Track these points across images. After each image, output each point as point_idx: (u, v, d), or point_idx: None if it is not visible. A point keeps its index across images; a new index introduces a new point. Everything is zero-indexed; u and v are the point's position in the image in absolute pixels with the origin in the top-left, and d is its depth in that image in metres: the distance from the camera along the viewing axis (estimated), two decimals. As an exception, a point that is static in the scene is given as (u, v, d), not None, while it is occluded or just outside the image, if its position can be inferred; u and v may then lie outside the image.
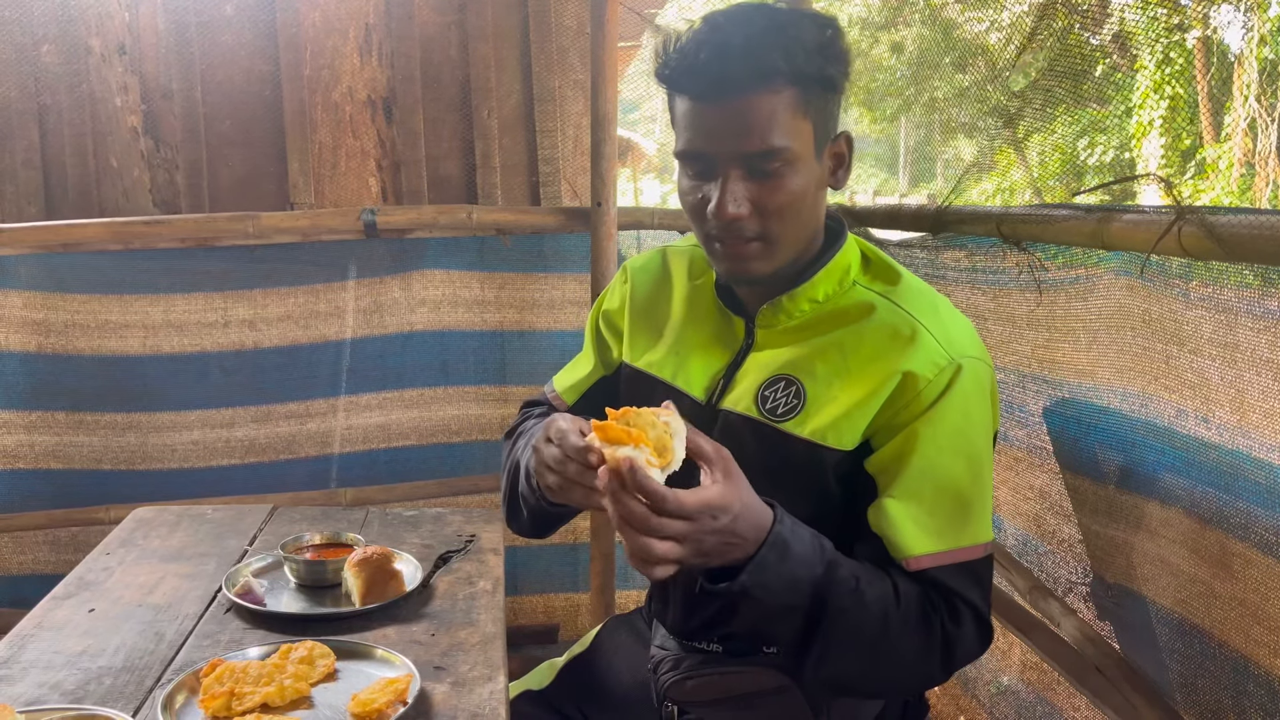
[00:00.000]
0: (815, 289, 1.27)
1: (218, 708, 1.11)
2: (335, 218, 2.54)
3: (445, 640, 1.32)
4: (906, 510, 1.18)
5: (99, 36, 2.61)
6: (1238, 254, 1.10)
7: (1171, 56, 10.45)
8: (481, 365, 2.69)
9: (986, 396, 1.22)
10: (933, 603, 1.16)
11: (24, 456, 2.53)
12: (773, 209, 1.19)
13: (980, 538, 1.19)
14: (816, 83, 1.17)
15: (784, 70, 1.14)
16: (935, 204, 1.87)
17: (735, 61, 1.14)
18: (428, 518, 1.77)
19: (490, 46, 2.74)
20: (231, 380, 2.59)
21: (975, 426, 1.20)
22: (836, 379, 1.22)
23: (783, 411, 1.24)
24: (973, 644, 1.19)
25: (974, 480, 1.20)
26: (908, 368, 1.18)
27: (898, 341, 1.20)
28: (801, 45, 1.15)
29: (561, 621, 2.85)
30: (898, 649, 1.15)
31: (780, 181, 1.18)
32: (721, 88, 1.15)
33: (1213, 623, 1.29)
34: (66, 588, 1.46)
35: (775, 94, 1.15)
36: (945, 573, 1.17)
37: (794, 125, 1.17)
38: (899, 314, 1.22)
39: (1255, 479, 1.18)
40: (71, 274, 2.49)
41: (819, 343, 1.25)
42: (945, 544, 1.17)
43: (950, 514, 1.18)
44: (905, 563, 1.17)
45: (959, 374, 1.17)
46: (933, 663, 1.17)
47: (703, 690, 1.34)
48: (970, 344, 1.22)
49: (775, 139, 1.16)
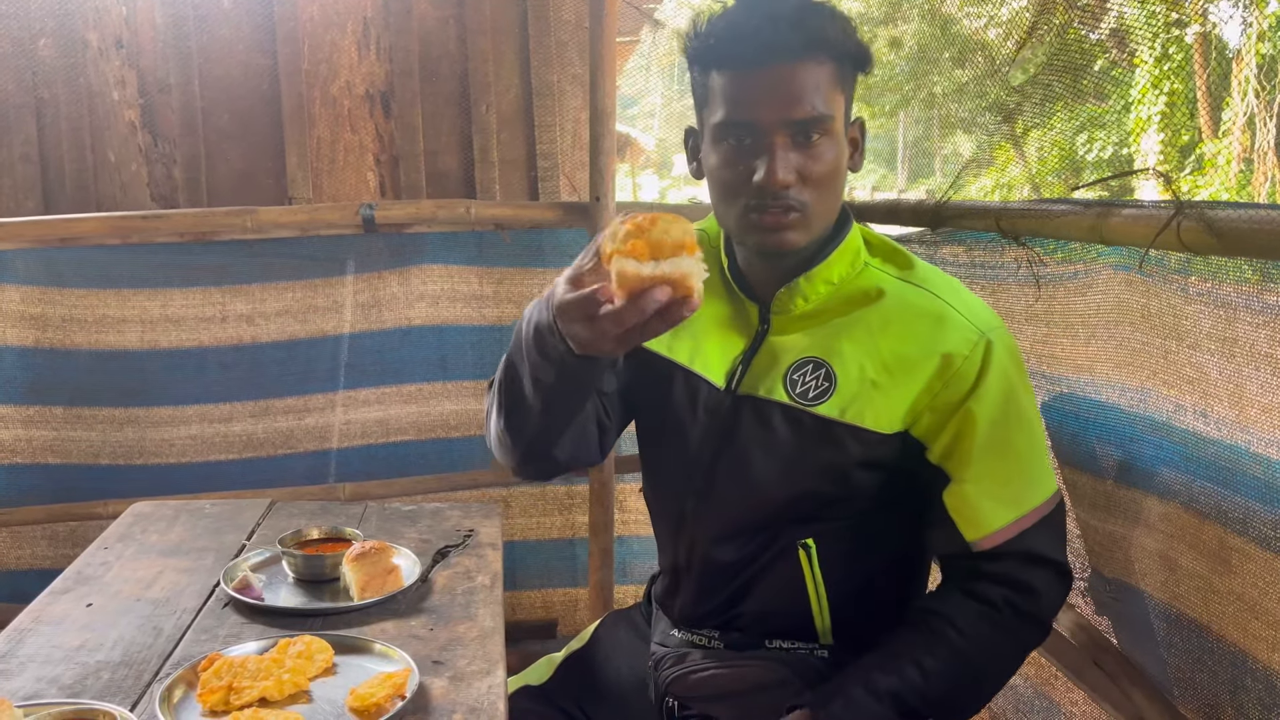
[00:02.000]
0: (830, 270, 1.28)
1: (215, 702, 1.11)
2: (333, 212, 2.54)
3: (444, 635, 1.32)
4: (982, 489, 1.22)
5: (96, 30, 2.60)
6: (1237, 249, 1.10)
7: (1170, 52, 10.44)
8: (480, 360, 2.69)
9: (1017, 359, 1.27)
10: (996, 585, 1.21)
11: (21, 451, 2.53)
12: (815, 178, 1.21)
13: (1049, 489, 1.25)
14: (851, 59, 1.21)
15: (829, 40, 1.18)
16: (934, 199, 1.87)
17: (784, 29, 1.17)
18: (426, 513, 1.77)
19: (489, 41, 2.74)
20: (229, 375, 2.59)
21: (1019, 391, 1.25)
22: (868, 360, 1.24)
23: (814, 395, 1.26)
24: (1055, 595, 1.26)
25: (1030, 441, 1.25)
26: (945, 349, 1.22)
27: (927, 321, 1.24)
28: (838, 21, 1.20)
29: (560, 617, 2.85)
30: (989, 668, 1.23)
31: (821, 151, 1.20)
32: (771, 54, 1.17)
33: (1211, 617, 1.29)
34: (64, 582, 1.46)
35: (820, 64, 1.18)
36: (1025, 537, 1.22)
37: (833, 97, 1.20)
38: (924, 295, 1.26)
39: (1253, 474, 1.18)
40: (69, 268, 2.48)
41: (841, 323, 1.27)
42: (1021, 509, 1.22)
43: (1020, 480, 1.23)
44: (976, 544, 1.22)
45: (991, 347, 1.22)
46: (1022, 637, 1.25)
47: (704, 685, 1.34)
48: (991, 316, 1.27)
49: (821, 106, 1.19)
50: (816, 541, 1.29)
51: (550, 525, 2.79)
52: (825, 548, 1.29)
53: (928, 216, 1.84)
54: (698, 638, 1.38)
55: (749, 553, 1.32)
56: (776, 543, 1.30)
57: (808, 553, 1.29)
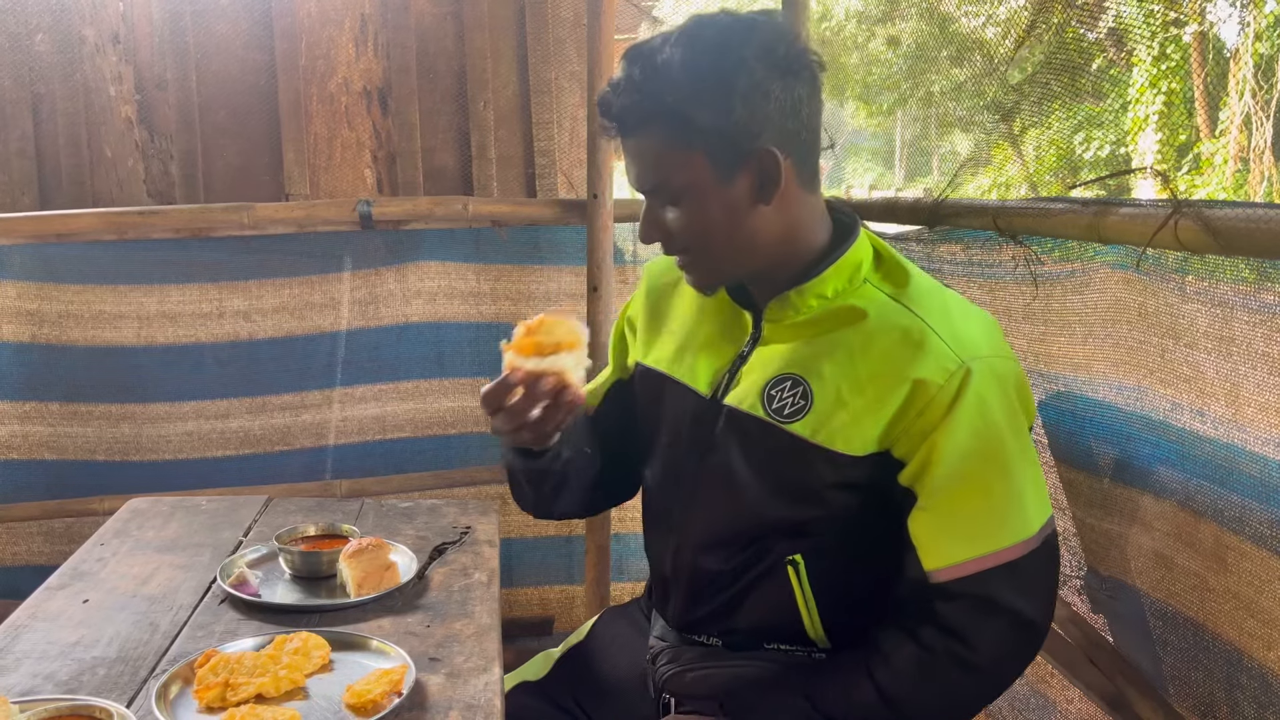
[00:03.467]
0: (825, 285, 1.26)
1: (212, 698, 1.11)
2: (330, 209, 2.53)
3: (440, 631, 1.32)
4: (939, 520, 1.18)
5: (93, 26, 2.60)
6: (1234, 247, 1.10)
7: (1168, 52, 10.45)
8: (477, 357, 2.69)
9: (1008, 392, 1.20)
10: (939, 631, 1.18)
11: (17, 447, 2.52)
12: (685, 235, 1.24)
13: (1020, 535, 1.18)
14: (697, 118, 1.17)
15: (654, 111, 1.19)
16: (931, 197, 1.87)
17: (616, 105, 1.20)
18: (423, 509, 1.77)
19: (486, 38, 2.73)
20: (226, 371, 2.58)
21: (997, 426, 1.18)
22: (844, 381, 1.22)
23: (789, 412, 1.24)
24: (1007, 648, 1.20)
25: (1005, 479, 1.18)
26: (918, 375, 1.17)
27: (907, 347, 1.19)
28: (670, 86, 1.17)
29: (556, 614, 2.85)
30: (913, 714, 1.21)
31: (681, 210, 1.23)
32: (615, 128, 1.23)
33: (1206, 615, 1.29)
34: (61, 578, 1.45)
35: (649, 134, 1.20)
36: (984, 579, 1.17)
37: (677, 159, 1.20)
38: (908, 317, 1.21)
39: (1249, 472, 1.18)
40: (65, 264, 2.48)
41: (825, 342, 1.25)
42: (982, 549, 1.17)
43: (984, 518, 1.18)
44: (933, 574, 1.18)
45: (969, 376, 1.16)
46: (959, 689, 1.21)
47: (701, 683, 1.34)
48: (983, 343, 1.21)
49: (657, 176, 1.22)
50: (805, 557, 1.27)
51: (547, 523, 2.79)
52: (814, 564, 1.27)
53: (925, 214, 1.84)
54: (696, 637, 1.39)
55: (737, 565, 1.31)
56: (765, 558, 1.29)
57: (796, 569, 1.28)
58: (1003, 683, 1.25)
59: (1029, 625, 1.20)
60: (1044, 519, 1.21)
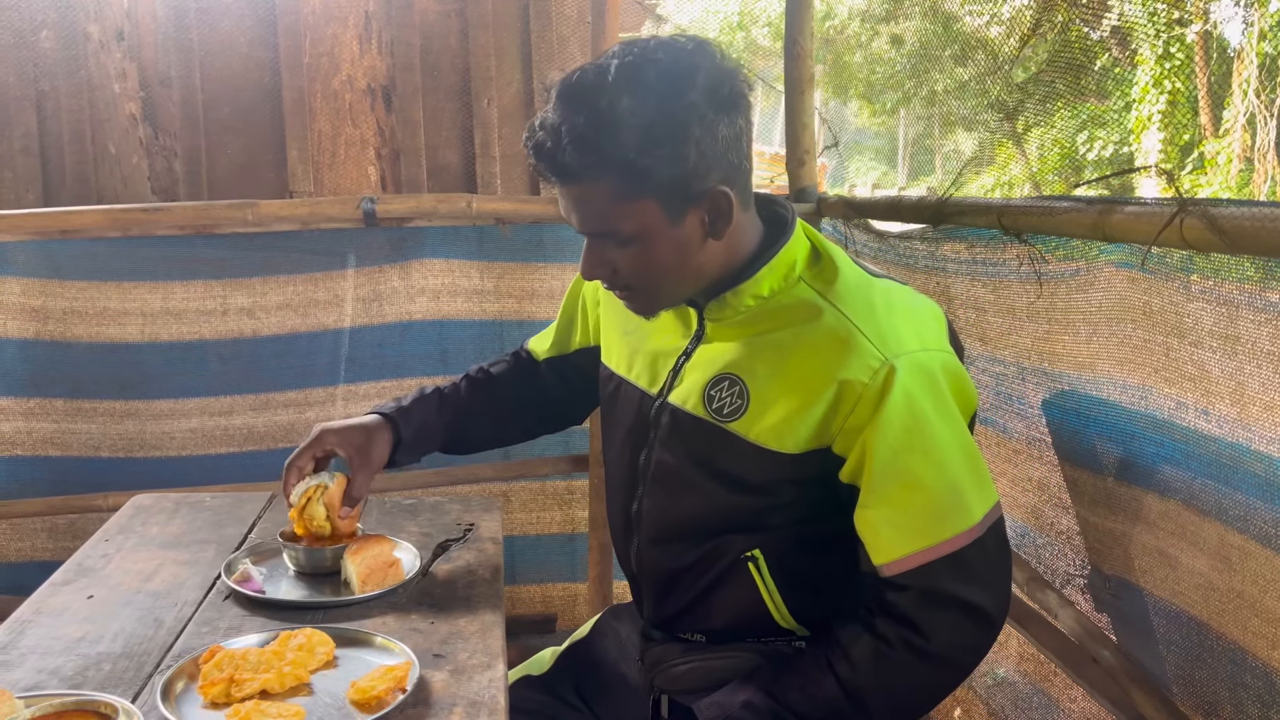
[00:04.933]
0: (759, 285, 1.26)
1: (217, 694, 1.11)
2: (334, 206, 2.53)
3: (444, 628, 1.32)
4: (881, 516, 1.19)
5: (97, 23, 2.60)
6: (1239, 246, 1.10)
7: (1172, 51, 10.43)
8: (480, 355, 2.68)
9: (936, 385, 1.20)
10: (893, 622, 1.19)
11: (22, 443, 2.52)
12: (632, 274, 1.23)
13: (961, 525, 1.18)
14: (641, 172, 1.15)
15: (604, 164, 1.14)
16: (935, 196, 1.86)
17: (560, 153, 1.15)
18: (426, 506, 1.77)
19: (490, 35, 2.73)
20: (230, 368, 2.59)
21: (927, 420, 1.18)
22: (776, 380, 1.23)
23: (728, 411, 1.26)
24: (961, 636, 1.20)
25: (939, 472, 1.18)
26: (843, 376, 1.18)
27: (833, 346, 1.20)
28: (620, 136, 1.13)
29: (559, 611, 2.85)
30: (876, 704, 1.20)
31: (628, 252, 1.21)
32: (553, 176, 1.18)
33: (1210, 615, 1.29)
34: (65, 574, 1.46)
35: (597, 184, 1.16)
36: (930, 572, 1.18)
37: (627, 208, 1.17)
38: (835, 315, 1.22)
39: (1255, 471, 1.18)
40: (69, 261, 2.48)
41: (762, 342, 1.26)
42: (924, 542, 1.18)
43: (923, 512, 1.18)
44: (881, 569, 1.20)
45: (894, 374, 1.17)
46: (920, 676, 1.21)
47: (688, 676, 1.36)
48: (910, 338, 1.21)
49: (605, 224, 1.19)
50: (764, 553, 1.28)
51: (550, 520, 2.79)
52: (773, 559, 1.29)
53: (929, 213, 1.84)
54: (680, 634, 1.40)
55: (696, 561, 1.32)
56: (725, 555, 1.30)
57: (756, 565, 1.29)
58: (962, 670, 1.25)
59: (979, 613, 1.20)
60: (987, 507, 1.20)
